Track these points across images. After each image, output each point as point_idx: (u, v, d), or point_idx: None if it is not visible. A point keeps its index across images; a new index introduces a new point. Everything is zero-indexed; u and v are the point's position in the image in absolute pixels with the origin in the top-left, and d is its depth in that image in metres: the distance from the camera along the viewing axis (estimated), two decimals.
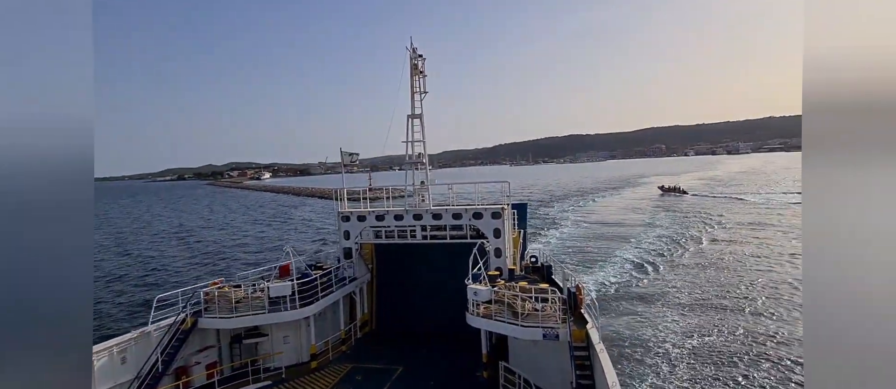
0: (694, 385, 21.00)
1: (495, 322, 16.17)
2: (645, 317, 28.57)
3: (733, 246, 47.96)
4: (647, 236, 54.23)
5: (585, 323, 15.48)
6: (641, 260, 43.67)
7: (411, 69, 23.76)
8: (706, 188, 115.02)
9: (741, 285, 34.84)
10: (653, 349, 24.45)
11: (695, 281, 36.47)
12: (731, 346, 24.57)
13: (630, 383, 20.34)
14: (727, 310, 29.53)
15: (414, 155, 24.31)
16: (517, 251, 24.50)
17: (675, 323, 27.83)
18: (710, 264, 41.37)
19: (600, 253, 47.19)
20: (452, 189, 24.52)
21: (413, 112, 23.98)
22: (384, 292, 24.43)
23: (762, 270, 38.83)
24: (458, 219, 22.15)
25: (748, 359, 22.94)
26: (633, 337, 25.67)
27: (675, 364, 22.89)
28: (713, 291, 33.99)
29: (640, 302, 31.33)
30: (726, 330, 26.36)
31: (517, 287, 17.59)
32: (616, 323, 27.28)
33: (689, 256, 44.71)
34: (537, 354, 16.38)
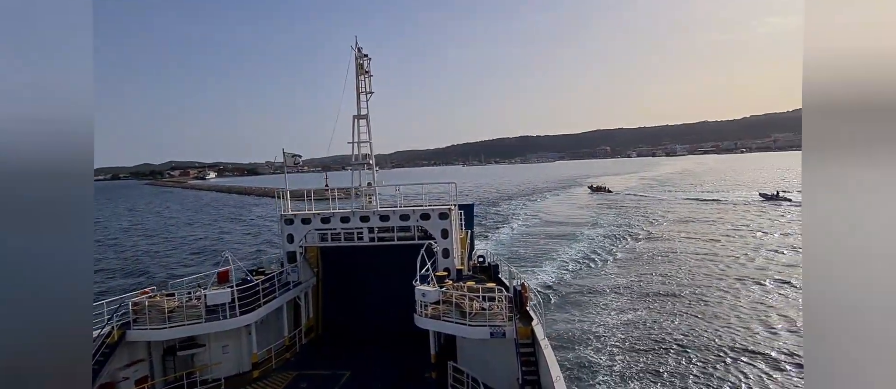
0: (620, 365, 22.30)
1: (443, 322, 16.36)
2: (582, 309, 30.22)
3: (655, 241, 52.14)
4: (587, 233, 57.45)
5: (531, 320, 16.00)
6: (579, 254, 46.29)
7: (356, 69, 23.33)
8: (646, 187, 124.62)
9: (666, 274, 37.85)
10: (590, 337, 25.90)
11: (627, 272, 39.43)
12: (658, 331, 26.55)
13: (573, 375, 21.06)
14: (658, 297, 32.21)
15: (360, 156, 23.92)
16: (465, 251, 24.72)
17: (607, 310, 29.92)
18: (641, 256, 44.73)
19: (542, 249, 49.32)
20: (400, 190, 24.47)
21: (359, 112, 23.56)
22: (330, 296, 23.88)
23: (685, 259, 42.60)
24: (405, 221, 22.08)
25: (676, 343, 24.67)
26: (573, 330, 27.00)
27: (607, 349, 24.36)
28: (644, 280, 36.66)
29: (577, 295, 33.23)
30: (655, 316, 28.64)
31: (465, 287, 17.92)
32: (558, 319, 28.35)
33: (621, 250, 48.02)
34: (485, 352, 16.64)
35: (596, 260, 44.05)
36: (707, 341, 25.30)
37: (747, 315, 28.96)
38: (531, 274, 38.15)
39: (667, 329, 27.16)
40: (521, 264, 41.41)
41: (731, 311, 29.81)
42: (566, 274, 38.94)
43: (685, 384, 21.01)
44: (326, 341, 22.47)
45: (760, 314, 29.06)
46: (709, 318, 28.47)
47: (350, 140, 23.99)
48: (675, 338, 25.81)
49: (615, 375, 21.67)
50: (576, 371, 21.64)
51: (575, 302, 31.56)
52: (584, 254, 46.15)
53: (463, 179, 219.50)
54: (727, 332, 26.57)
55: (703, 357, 23.49)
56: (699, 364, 22.97)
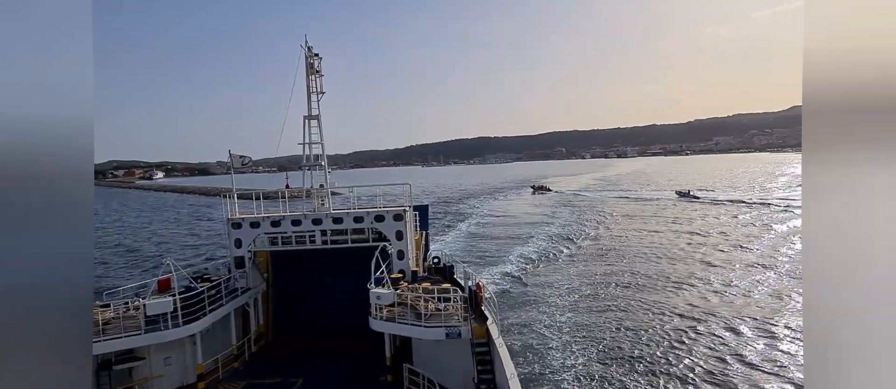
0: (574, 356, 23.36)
1: (399, 324, 16.31)
2: (533, 303, 31.92)
3: (586, 235, 57.51)
4: (538, 232, 60.60)
5: (486, 319, 16.20)
6: (522, 249, 49.50)
7: (307, 68, 22.75)
8: (598, 186, 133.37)
9: (607, 268, 40.93)
10: (539, 328, 27.39)
11: (576, 265, 42.77)
12: (600, 320, 28.49)
13: (528, 372, 21.61)
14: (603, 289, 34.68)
15: (311, 156, 23.38)
16: (420, 252, 24.71)
17: (558, 303, 31.88)
18: (591, 251, 47.91)
19: (492, 247, 52.13)
20: (354, 191, 24.11)
21: (310, 113, 22.99)
22: (282, 301, 23.21)
23: (625, 252, 46.77)
24: (359, 223, 21.79)
25: (619, 334, 26.30)
26: (524, 324, 28.17)
27: (557, 339, 25.72)
28: (590, 273, 39.51)
29: (527, 290, 35.41)
30: (601, 307, 30.86)
31: (420, 288, 17.94)
32: (512, 315, 29.32)
33: (557, 243, 52.14)
34: (441, 353, 16.70)
35: (538, 254, 47.28)
36: (620, 315, 29.05)
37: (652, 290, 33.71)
38: (485, 272, 39.14)
39: (600, 310, 30.39)
40: (476, 263, 42.91)
41: (637, 286, 34.92)
42: (511, 267, 41.83)
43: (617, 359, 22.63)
44: (277, 348, 21.84)
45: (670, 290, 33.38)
46: (618, 297, 32.87)
47: (300, 141, 23.37)
48: (600, 314, 29.29)
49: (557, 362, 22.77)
50: (529, 368, 22.19)
51: (518, 298, 33.26)
52: (525, 249, 49.66)
53: (422, 180, 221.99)
54: (641, 308, 30.11)
55: (623, 336, 26.28)
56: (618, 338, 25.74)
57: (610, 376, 21.49)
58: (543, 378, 21.52)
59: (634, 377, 21.47)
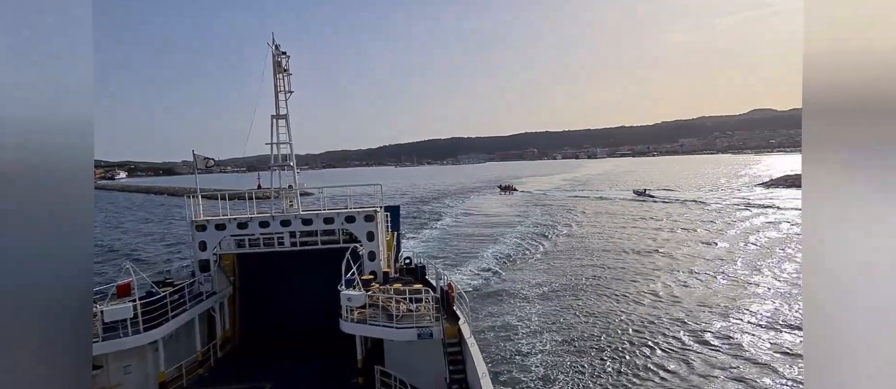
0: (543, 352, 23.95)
1: (370, 326, 16.20)
2: (501, 300, 32.89)
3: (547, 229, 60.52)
4: (511, 230, 62.58)
5: (457, 319, 16.29)
6: (489, 245, 51.73)
7: (274, 67, 22.29)
8: (566, 186, 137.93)
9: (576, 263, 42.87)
10: (510, 322, 28.29)
11: (539, 255, 45.19)
12: (568, 311, 29.76)
13: (499, 370, 21.90)
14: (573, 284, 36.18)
15: (279, 157, 22.91)
16: (391, 253, 24.49)
17: (527, 296, 33.09)
18: (557, 247, 49.84)
19: (462, 245, 53.64)
20: (324, 192, 23.80)
21: (278, 112, 22.46)
22: (249, 305, 22.59)
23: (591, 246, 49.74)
24: (329, 224, 21.38)
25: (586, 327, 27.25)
26: (496, 321, 28.78)
27: (527, 332, 26.56)
28: (560, 268, 41.24)
29: (491, 279, 37.51)
30: (571, 300, 32.27)
31: (391, 289, 17.82)
32: (481, 313, 29.82)
33: (521, 239, 54.48)
34: (412, 354, 16.66)
35: (503, 246, 50.05)
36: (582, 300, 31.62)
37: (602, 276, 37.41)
38: (455, 269, 39.84)
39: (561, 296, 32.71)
40: (448, 260, 44.16)
41: (591, 273, 38.31)
42: (481, 263, 42.88)
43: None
44: (245, 352, 21.24)
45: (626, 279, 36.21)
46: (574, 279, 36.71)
47: (267, 141, 22.85)
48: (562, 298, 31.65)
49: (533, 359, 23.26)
50: (501, 367, 22.53)
51: (489, 294, 34.36)
52: (489, 243, 52.64)
53: (396, 180, 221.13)
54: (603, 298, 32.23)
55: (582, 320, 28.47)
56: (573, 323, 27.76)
57: (561, 359, 23.21)
58: (514, 374, 21.87)
59: (587, 356, 23.41)
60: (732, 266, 37.98)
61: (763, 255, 41.05)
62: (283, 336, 21.47)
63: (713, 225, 57.52)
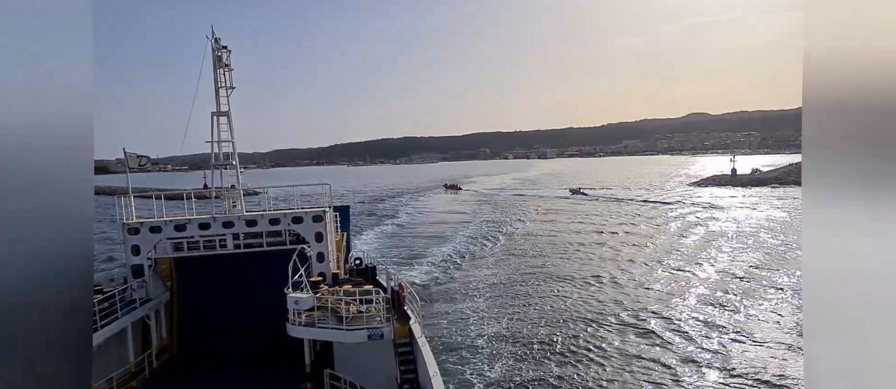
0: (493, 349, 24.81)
1: (319, 329, 15.88)
2: (448, 294, 34.64)
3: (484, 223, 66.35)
4: (459, 230, 65.15)
5: (408, 319, 16.28)
6: (442, 236, 55.77)
7: (214, 62, 21.20)
8: (514, 185, 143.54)
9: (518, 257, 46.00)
10: (458, 315, 29.64)
11: (488, 253, 47.85)
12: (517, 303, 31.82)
13: (451, 369, 22.13)
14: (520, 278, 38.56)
15: (220, 155, 21.92)
16: (341, 254, 24.11)
17: (473, 287, 35.41)
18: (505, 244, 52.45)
19: (407, 242, 55.82)
20: (270, 192, 23.11)
21: (218, 109, 21.46)
22: (188, 312, 21.47)
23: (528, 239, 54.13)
24: (275, 225, 20.66)
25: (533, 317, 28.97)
26: (443, 315, 29.72)
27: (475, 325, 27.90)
28: (505, 262, 43.98)
29: (430, 264, 40.89)
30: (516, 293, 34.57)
31: (341, 290, 17.53)
32: (432, 310, 30.34)
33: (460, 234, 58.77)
34: (363, 356, 16.49)
35: (449, 239, 54.66)
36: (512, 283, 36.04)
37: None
38: (406, 271, 40.38)
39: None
40: (397, 256, 45.48)
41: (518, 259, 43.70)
42: (430, 258, 45.27)
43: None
44: (184, 362, 20.16)
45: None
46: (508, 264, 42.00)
47: (207, 139, 21.76)
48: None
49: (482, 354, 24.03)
50: (451, 365, 22.78)
51: (438, 291, 36.18)
52: (436, 237, 56.78)
53: (350, 179, 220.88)
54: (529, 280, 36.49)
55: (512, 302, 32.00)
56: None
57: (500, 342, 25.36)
58: (464, 368, 22.19)
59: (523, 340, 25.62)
60: (648, 252, 44.65)
61: (674, 243, 48.14)
62: (225, 343, 20.48)
63: (638, 218, 65.49)
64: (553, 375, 21.68)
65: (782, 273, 35.56)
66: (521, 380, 21.40)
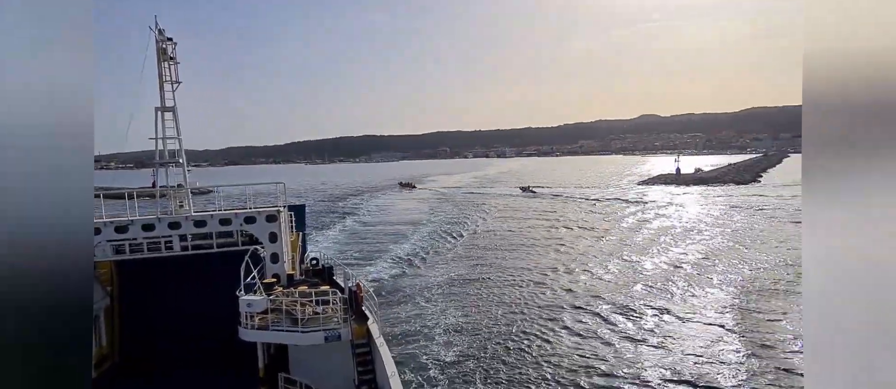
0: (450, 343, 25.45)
1: (273, 332, 15.56)
2: (408, 288, 35.92)
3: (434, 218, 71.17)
4: (404, 220, 70.05)
5: (366, 319, 16.20)
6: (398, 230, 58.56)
7: (158, 54, 20.21)
8: (471, 183, 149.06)
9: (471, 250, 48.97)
10: (414, 309, 30.70)
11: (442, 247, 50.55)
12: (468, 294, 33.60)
13: (409, 370, 22.20)
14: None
15: (166, 152, 20.97)
16: (296, 254, 23.61)
17: (430, 280, 36.90)
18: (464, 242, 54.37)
19: (371, 240, 56.95)
20: (220, 191, 22.38)
21: (163, 104, 20.40)
22: (131, 317, 20.45)
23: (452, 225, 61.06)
24: (226, 225, 19.98)
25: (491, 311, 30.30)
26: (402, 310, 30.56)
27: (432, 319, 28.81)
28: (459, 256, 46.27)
29: (399, 273, 40.56)
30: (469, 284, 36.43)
31: (296, 292, 17.19)
32: (394, 308, 30.85)
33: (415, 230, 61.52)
34: (320, 358, 16.28)
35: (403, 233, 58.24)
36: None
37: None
38: (365, 267, 40.87)
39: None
40: (353, 253, 46.57)
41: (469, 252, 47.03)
42: (387, 253, 47.20)
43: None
44: (126, 371, 19.23)
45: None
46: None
47: (151, 136, 20.72)
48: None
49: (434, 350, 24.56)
50: (410, 365, 22.91)
51: (395, 288, 37.41)
52: (392, 231, 60.20)
53: (305, 178, 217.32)
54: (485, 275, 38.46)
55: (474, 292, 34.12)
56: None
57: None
58: (425, 366, 22.41)
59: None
60: (587, 243, 49.71)
61: (619, 236, 52.95)
62: (172, 349, 19.53)
63: (586, 214, 71.26)
64: (497, 350, 23.99)
65: (713, 262, 39.33)
66: (472, 362, 22.76)
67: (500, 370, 22.16)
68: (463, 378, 21.54)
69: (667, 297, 30.85)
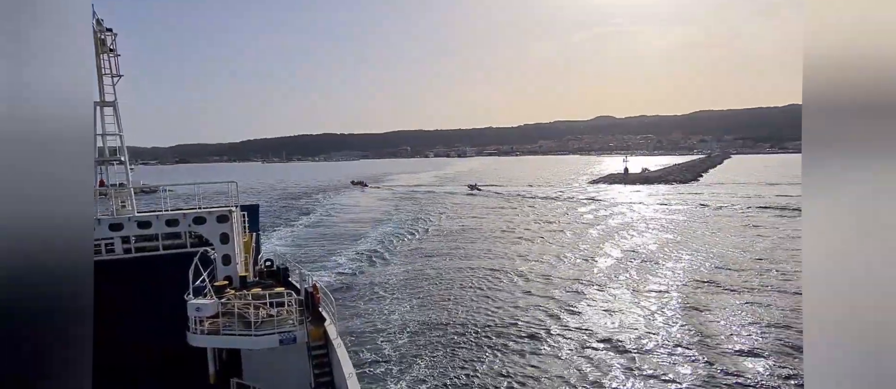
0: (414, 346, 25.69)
1: (224, 336, 15.10)
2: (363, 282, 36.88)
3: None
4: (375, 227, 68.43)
5: (323, 320, 16.00)
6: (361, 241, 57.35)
7: (96, 45, 19.02)
8: (433, 182, 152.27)
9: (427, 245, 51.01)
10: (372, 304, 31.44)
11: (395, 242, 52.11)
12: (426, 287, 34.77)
13: (368, 371, 21.90)
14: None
15: (105, 149, 19.85)
16: (250, 256, 22.95)
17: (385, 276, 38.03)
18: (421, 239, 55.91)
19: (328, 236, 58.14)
20: (167, 191, 21.50)
21: (102, 99, 19.28)
22: None
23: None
24: (173, 227, 19.26)
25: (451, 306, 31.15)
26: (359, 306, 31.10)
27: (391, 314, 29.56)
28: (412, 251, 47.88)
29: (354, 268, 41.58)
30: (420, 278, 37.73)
31: (249, 294, 16.75)
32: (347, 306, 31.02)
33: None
34: (274, 362, 15.93)
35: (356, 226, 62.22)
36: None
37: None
38: (321, 270, 40.00)
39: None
40: (309, 261, 45.67)
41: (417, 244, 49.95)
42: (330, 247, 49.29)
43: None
44: None
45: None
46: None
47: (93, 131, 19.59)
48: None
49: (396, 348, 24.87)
50: (369, 365, 22.75)
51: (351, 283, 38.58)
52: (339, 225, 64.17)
53: (264, 177, 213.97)
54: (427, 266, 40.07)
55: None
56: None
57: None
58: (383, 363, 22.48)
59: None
60: (520, 235, 53.69)
61: (560, 228, 57.56)
62: (112, 359, 18.46)
63: (518, 210, 76.59)
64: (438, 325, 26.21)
65: (646, 252, 42.66)
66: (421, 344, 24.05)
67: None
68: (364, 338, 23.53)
69: (597, 286, 33.62)
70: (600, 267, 38.13)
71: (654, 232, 52.13)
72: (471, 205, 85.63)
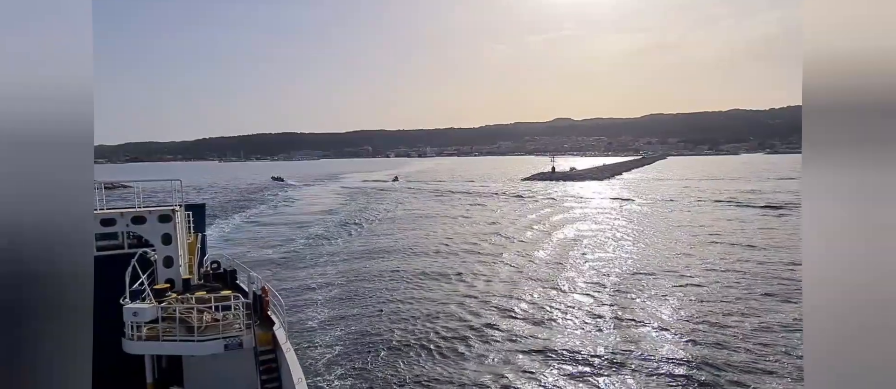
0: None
1: (163, 343, 14.42)
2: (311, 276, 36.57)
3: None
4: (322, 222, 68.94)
5: (272, 324, 15.55)
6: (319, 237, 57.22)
7: None
8: (381, 179, 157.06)
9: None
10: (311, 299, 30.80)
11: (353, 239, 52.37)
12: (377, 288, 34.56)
13: (319, 373, 21.35)
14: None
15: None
16: (195, 258, 22.01)
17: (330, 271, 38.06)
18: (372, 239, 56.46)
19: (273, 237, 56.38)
20: (103, 190, 20.42)
21: None
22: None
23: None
24: (109, 227, 18.11)
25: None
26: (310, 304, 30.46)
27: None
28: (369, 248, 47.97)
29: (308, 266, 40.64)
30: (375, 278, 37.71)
31: (192, 298, 16.09)
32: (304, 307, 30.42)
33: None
34: (219, 369, 15.38)
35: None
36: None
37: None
38: (269, 270, 38.76)
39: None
40: (255, 262, 44.69)
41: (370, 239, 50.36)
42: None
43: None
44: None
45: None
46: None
47: None
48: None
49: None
50: (318, 369, 22.25)
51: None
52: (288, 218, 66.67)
53: (218, 175, 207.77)
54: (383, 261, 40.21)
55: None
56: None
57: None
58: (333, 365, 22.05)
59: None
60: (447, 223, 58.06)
61: (471, 219, 62.25)
62: None
63: (447, 203, 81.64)
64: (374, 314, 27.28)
65: (553, 241, 46.04)
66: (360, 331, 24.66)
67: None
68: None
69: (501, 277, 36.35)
70: (476, 233, 48.87)
71: (530, 215, 63.32)
72: (400, 197, 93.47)
